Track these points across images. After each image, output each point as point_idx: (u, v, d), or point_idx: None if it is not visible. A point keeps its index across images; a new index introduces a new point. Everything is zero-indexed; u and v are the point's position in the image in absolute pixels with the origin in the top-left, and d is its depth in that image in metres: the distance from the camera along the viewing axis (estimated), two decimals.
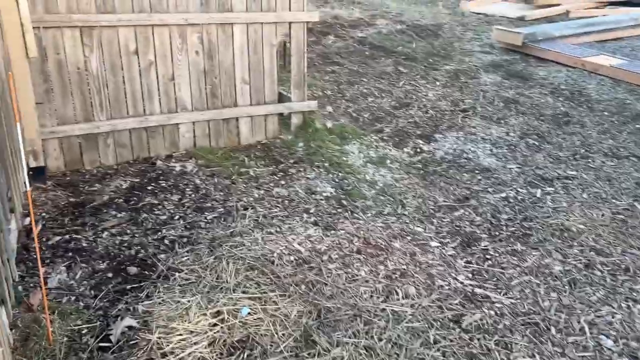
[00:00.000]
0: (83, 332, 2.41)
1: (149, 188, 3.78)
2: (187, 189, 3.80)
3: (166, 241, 3.15)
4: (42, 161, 3.77)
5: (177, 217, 3.44)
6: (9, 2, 3.32)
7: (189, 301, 2.59)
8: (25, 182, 3.45)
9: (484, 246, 3.20)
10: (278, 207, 3.58)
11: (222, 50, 4.24)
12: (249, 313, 2.52)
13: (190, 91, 4.25)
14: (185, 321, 2.46)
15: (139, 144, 4.19)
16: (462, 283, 2.85)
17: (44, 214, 3.40)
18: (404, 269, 2.92)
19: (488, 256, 3.10)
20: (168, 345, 2.31)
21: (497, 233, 3.36)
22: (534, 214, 3.60)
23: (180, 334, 2.38)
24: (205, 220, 3.38)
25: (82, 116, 3.94)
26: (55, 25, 3.64)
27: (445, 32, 8.76)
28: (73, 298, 2.64)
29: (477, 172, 4.15)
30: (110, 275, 2.83)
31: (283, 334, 2.41)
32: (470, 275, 2.93)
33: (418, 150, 4.55)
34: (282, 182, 3.94)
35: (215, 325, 2.44)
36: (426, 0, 11.02)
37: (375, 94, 5.88)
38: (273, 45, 4.42)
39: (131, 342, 2.35)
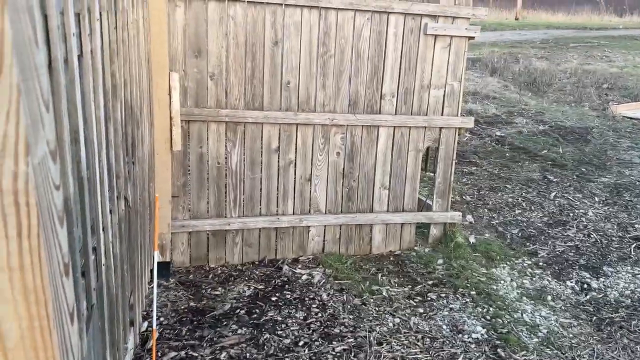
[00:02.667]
0: None
1: (273, 299, 3.42)
2: (314, 305, 3.38)
3: None
4: (168, 256, 3.60)
5: (301, 342, 3.00)
6: (163, 96, 3.29)
7: None
8: (147, 283, 3.25)
9: None
10: (417, 345, 3.01)
11: (364, 153, 3.93)
12: None
13: (326, 193, 3.94)
14: None
15: (267, 244, 3.91)
16: None
17: (161, 319, 3.14)
18: None
19: None
20: None
21: None
22: None
23: None
24: (333, 353, 2.90)
25: (215, 212, 3.76)
26: (202, 120, 3.56)
27: (595, 137, 7.91)
28: None
29: None
30: None
31: None
32: None
33: (585, 286, 3.78)
34: (421, 311, 3.38)
35: None
36: (570, 99, 10.25)
37: (523, 205, 5.21)
38: (419, 150, 4.03)
39: None
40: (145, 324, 3.03)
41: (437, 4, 3.73)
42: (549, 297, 3.60)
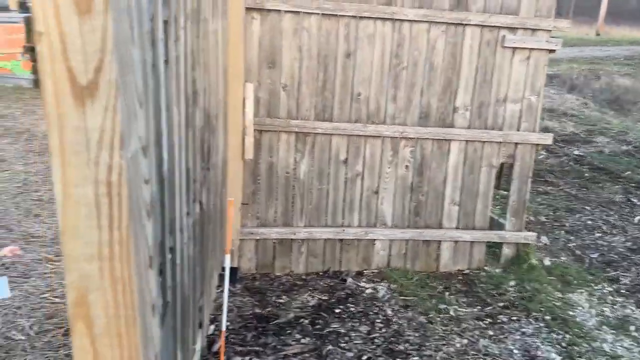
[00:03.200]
0: None
1: (337, 311, 3.40)
2: (377, 320, 3.32)
3: None
4: (235, 262, 3.66)
5: (365, 357, 2.95)
6: (238, 105, 3.38)
7: None
8: (215, 287, 3.32)
9: None
10: None
11: (434, 167, 3.84)
12: None
13: (392, 207, 3.88)
14: None
15: (332, 256, 3.90)
16: None
17: (227, 323, 3.19)
18: None
19: None
20: None
21: None
22: None
23: None
24: None
25: (282, 220, 3.80)
26: (273, 130, 3.62)
27: None
28: None
29: None
30: None
31: None
32: None
33: None
34: (490, 333, 3.24)
35: None
36: None
37: (604, 228, 4.90)
38: (493, 166, 3.89)
39: None
40: (212, 327, 3.10)
41: (516, 16, 3.62)
42: (632, 328, 3.34)
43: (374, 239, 3.91)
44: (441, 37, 3.62)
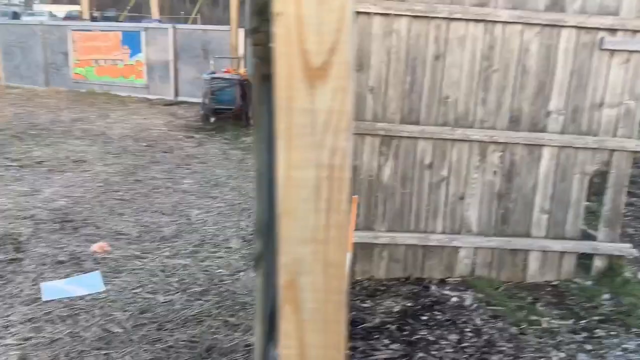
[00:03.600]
0: None
1: (423, 318, 3.32)
2: (467, 329, 3.23)
3: None
4: None
5: None
6: None
7: None
8: None
9: None
10: None
11: (523, 173, 3.72)
12: None
13: (478, 213, 3.78)
14: None
15: (413, 262, 3.83)
16: None
17: None
18: None
19: None
20: None
21: None
22: None
23: None
24: None
25: (363, 224, 3.77)
26: (359, 133, 3.61)
27: None
28: None
29: None
30: None
31: None
32: None
33: None
34: (589, 347, 3.08)
35: None
36: None
37: None
38: (586, 174, 3.72)
39: None
40: None
41: (615, 17, 3.46)
42: None
43: (458, 247, 3.81)
44: (535, 39, 3.50)
